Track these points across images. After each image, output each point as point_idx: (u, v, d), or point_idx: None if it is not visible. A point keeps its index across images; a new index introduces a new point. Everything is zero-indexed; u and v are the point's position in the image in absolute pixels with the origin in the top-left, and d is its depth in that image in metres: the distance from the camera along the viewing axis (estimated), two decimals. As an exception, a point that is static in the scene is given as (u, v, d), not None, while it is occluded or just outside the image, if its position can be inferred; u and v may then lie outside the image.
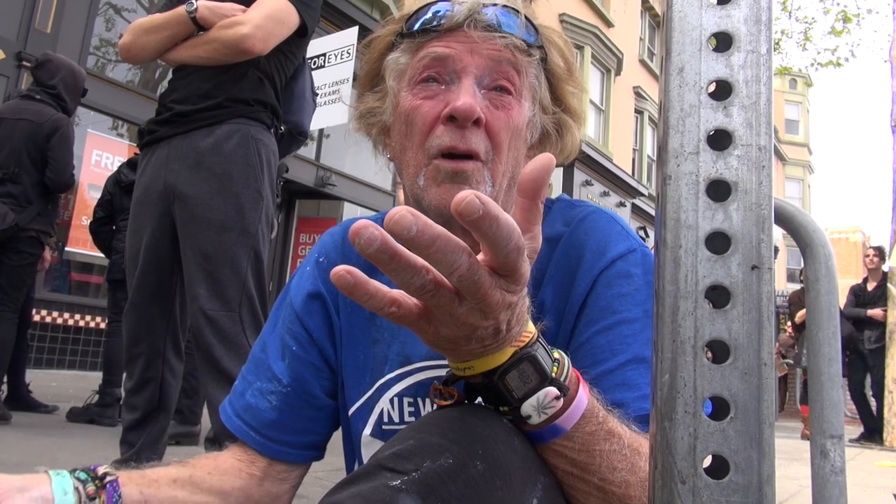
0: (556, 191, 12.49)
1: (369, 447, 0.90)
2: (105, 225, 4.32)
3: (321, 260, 0.99)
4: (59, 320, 6.75)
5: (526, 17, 0.87)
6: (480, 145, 0.82)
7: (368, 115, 0.94)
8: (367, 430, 0.91)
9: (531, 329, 0.62)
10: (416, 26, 0.87)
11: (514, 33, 0.84)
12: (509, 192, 0.87)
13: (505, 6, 0.86)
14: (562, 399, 0.61)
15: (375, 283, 0.52)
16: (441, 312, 0.54)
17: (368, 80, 0.95)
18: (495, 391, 0.61)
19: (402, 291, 0.53)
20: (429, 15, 0.86)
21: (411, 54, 0.87)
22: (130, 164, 4.22)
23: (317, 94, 2.56)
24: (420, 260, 0.49)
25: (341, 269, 0.51)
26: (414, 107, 0.84)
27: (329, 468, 2.96)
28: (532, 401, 0.60)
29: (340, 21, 8.12)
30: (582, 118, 0.95)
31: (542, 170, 0.53)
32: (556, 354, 0.64)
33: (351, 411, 0.93)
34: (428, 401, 0.87)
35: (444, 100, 0.83)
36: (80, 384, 5.64)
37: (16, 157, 3.57)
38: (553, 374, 0.61)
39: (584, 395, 0.64)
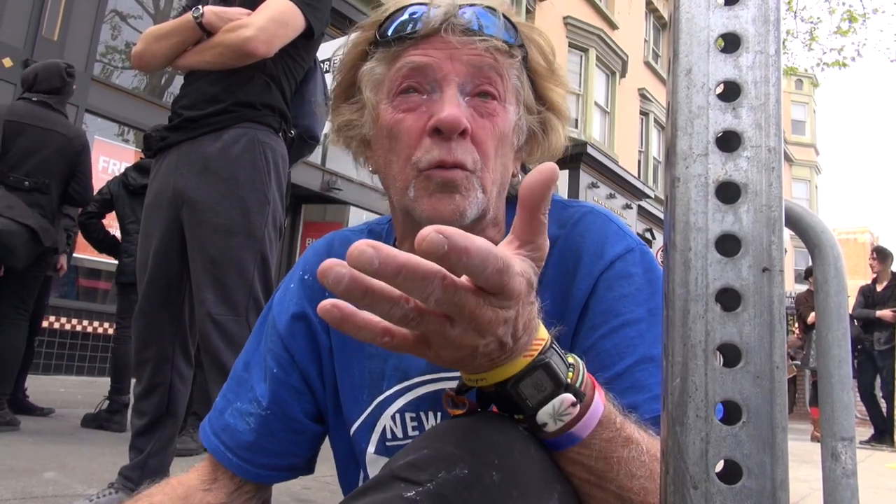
0: (562, 193, 12.47)
1: (375, 465, 0.88)
2: (93, 218, 4.36)
3: (306, 278, 0.96)
4: (67, 326, 6.78)
5: (505, 16, 0.84)
6: (468, 156, 0.78)
7: (346, 127, 0.90)
8: (371, 449, 0.88)
9: (543, 335, 0.60)
10: (391, 33, 0.82)
11: (493, 35, 0.81)
12: (500, 199, 0.86)
13: (484, 6, 0.83)
14: (578, 406, 0.60)
15: (364, 315, 0.51)
16: (435, 336, 0.52)
17: (343, 90, 0.91)
18: (509, 399, 0.60)
19: None
20: (404, 17, 0.82)
21: (387, 64, 0.83)
22: (138, 168, 4.24)
23: (330, 99, 2.57)
24: (395, 290, 0.48)
25: (328, 303, 0.50)
26: (397, 120, 0.81)
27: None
28: (548, 408, 0.59)
29: (345, 26, 8.13)
30: (566, 116, 0.91)
31: (542, 184, 0.52)
32: (570, 359, 0.62)
33: (352, 430, 0.91)
34: (431, 414, 0.85)
35: (427, 111, 0.80)
36: (88, 390, 5.66)
37: (46, 168, 3.59)
38: (568, 381, 0.59)
39: (601, 402, 0.62)
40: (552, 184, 0.52)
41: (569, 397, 0.59)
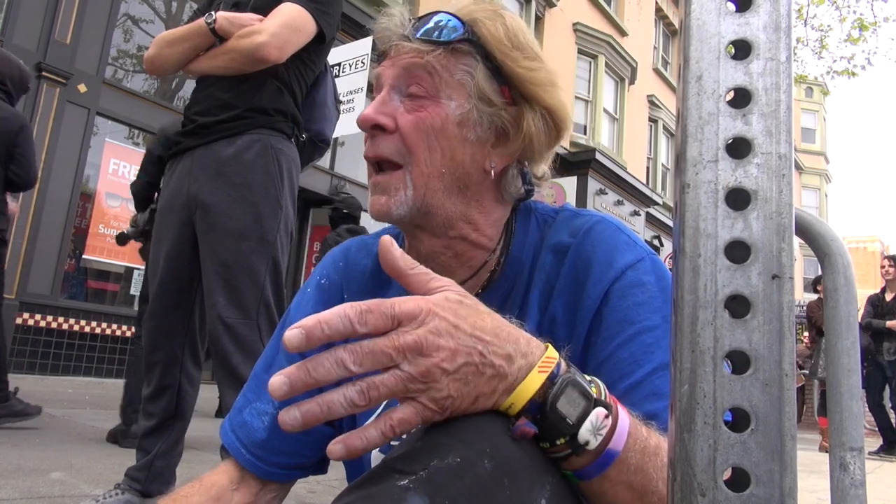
0: (570, 199, 12.45)
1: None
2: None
3: (323, 282, 0.99)
4: (76, 327, 6.82)
5: (452, 15, 0.86)
6: (389, 149, 0.85)
7: None
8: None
9: (553, 354, 0.62)
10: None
11: (422, 37, 0.85)
12: (449, 193, 0.86)
13: (423, 16, 0.88)
14: (610, 417, 0.61)
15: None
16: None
17: None
18: (550, 423, 0.60)
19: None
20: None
21: None
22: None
23: (341, 102, 2.59)
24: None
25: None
26: None
27: (342, 476, 2.96)
28: (587, 424, 0.60)
29: (355, 31, 8.17)
30: (544, 86, 0.88)
31: (384, 257, 0.62)
32: (587, 376, 0.63)
33: None
34: None
35: None
36: (96, 391, 5.68)
37: None
38: (594, 395, 0.61)
39: (625, 413, 0.63)
40: (388, 254, 0.62)
41: (602, 410, 0.60)
